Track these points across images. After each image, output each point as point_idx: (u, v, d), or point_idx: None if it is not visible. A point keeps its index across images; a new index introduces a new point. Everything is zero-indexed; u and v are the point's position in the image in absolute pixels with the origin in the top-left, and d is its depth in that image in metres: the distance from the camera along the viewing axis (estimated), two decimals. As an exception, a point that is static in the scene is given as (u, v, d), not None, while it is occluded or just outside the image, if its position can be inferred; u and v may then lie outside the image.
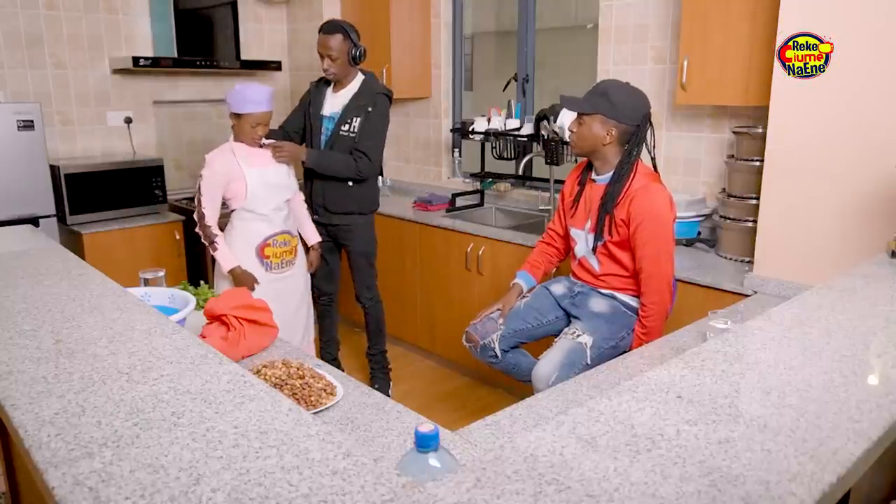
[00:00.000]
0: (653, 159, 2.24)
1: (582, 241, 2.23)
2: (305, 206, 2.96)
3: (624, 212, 2.08)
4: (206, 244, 2.63)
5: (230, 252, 2.62)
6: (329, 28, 2.90)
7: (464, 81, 4.29)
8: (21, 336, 1.21)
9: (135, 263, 3.21)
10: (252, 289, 2.57)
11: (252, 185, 2.59)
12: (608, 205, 2.10)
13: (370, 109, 2.93)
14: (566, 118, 3.15)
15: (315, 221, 3.05)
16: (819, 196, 2.18)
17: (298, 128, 3.11)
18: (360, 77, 3.00)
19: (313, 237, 2.96)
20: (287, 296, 2.72)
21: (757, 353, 1.18)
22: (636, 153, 2.11)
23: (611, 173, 2.13)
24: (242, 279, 2.59)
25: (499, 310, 2.30)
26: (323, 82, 3.06)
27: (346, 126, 2.94)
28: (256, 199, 2.61)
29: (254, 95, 2.53)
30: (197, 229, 2.63)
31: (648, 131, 2.12)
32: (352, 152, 2.92)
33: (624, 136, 2.09)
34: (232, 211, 2.67)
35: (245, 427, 0.88)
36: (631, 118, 2.07)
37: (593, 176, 2.20)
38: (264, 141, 2.69)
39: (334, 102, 3.01)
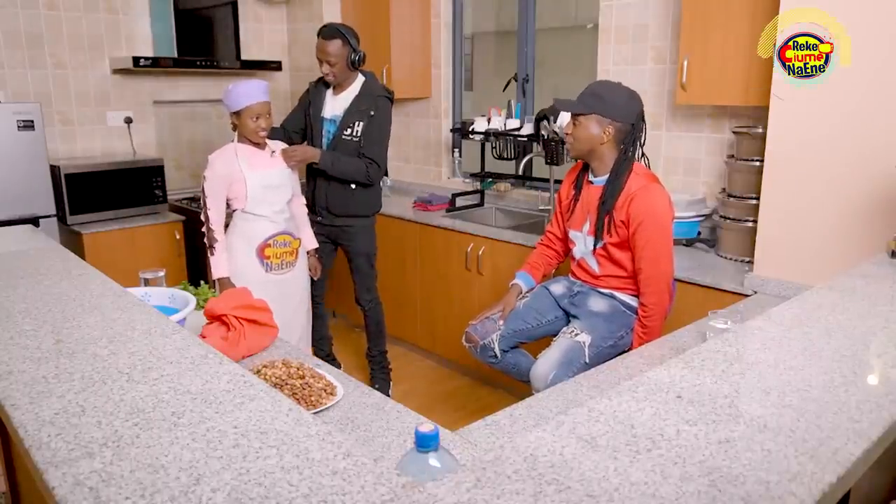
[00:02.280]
0: (643, 155, 2.24)
1: (581, 242, 2.24)
2: (306, 210, 2.95)
3: (623, 212, 2.08)
4: (207, 245, 2.64)
5: (225, 261, 2.64)
6: (328, 33, 2.88)
7: (464, 81, 4.29)
8: (21, 336, 1.21)
9: (135, 263, 3.20)
10: None
11: (252, 188, 2.59)
12: (607, 204, 2.11)
13: (373, 114, 2.92)
14: (566, 119, 3.15)
15: (317, 223, 3.05)
16: (819, 196, 2.18)
17: (299, 128, 3.11)
18: (360, 79, 3.00)
19: (310, 243, 2.95)
20: (287, 297, 2.72)
21: (757, 353, 1.18)
22: (632, 152, 2.11)
23: (608, 174, 2.13)
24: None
25: (500, 312, 2.29)
26: (322, 83, 3.06)
27: (349, 130, 2.94)
28: (257, 201, 2.61)
29: (247, 89, 2.54)
30: (203, 229, 2.64)
31: (643, 129, 2.13)
32: (360, 157, 2.92)
33: (620, 135, 2.09)
34: (233, 211, 2.67)
35: (245, 427, 0.88)
36: (626, 117, 2.08)
37: (590, 178, 2.21)
38: (274, 146, 2.69)
39: (335, 105, 3.00)
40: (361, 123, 2.92)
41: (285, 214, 2.71)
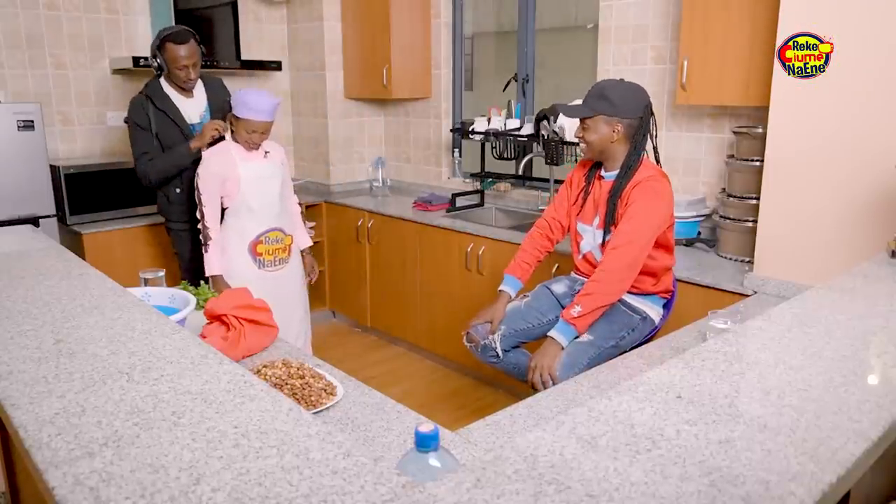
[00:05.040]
0: (655, 149, 2.23)
1: (590, 236, 2.23)
2: (299, 209, 2.97)
3: (626, 199, 2.08)
4: (202, 242, 2.65)
5: (218, 259, 2.65)
6: (185, 36, 2.85)
7: (464, 81, 4.29)
8: (21, 336, 1.21)
9: (135, 263, 3.21)
10: None
11: (245, 178, 2.61)
12: (615, 197, 2.11)
13: None
14: (566, 119, 3.15)
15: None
16: (819, 196, 2.18)
17: (159, 150, 2.96)
18: None
19: (303, 242, 2.95)
20: (282, 295, 2.71)
21: (757, 353, 1.18)
22: (643, 144, 2.12)
23: (618, 169, 2.13)
24: (220, 288, 2.58)
25: (488, 322, 2.28)
26: (148, 98, 2.92)
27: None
28: (249, 192, 2.62)
29: (255, 103, 2.52)
30: (199, 226, 2.65)
31: (651, 121, 2.13)
32: None
33: (630, 131, 2.09)
34: (226, 209, 2.68)
35: (245, 427, 0.88)
36: (633, 111, 2.08)
37: (602, 173, 2.20)
38: (268, 146, 2.70)
39: (192, 108, 2.98)
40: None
41: (276, 209, 2.72)
